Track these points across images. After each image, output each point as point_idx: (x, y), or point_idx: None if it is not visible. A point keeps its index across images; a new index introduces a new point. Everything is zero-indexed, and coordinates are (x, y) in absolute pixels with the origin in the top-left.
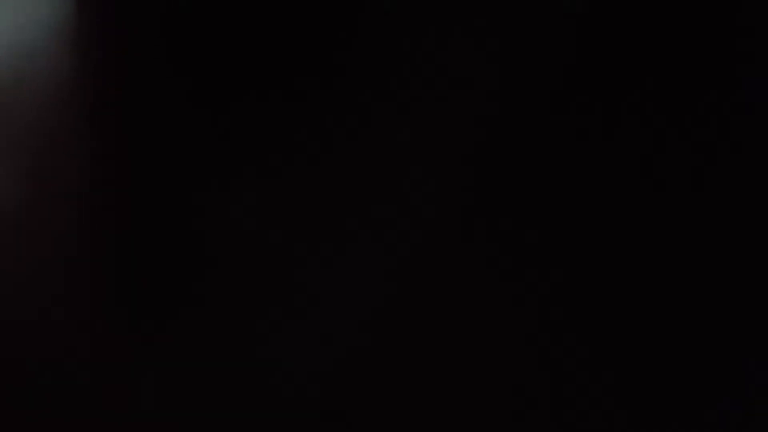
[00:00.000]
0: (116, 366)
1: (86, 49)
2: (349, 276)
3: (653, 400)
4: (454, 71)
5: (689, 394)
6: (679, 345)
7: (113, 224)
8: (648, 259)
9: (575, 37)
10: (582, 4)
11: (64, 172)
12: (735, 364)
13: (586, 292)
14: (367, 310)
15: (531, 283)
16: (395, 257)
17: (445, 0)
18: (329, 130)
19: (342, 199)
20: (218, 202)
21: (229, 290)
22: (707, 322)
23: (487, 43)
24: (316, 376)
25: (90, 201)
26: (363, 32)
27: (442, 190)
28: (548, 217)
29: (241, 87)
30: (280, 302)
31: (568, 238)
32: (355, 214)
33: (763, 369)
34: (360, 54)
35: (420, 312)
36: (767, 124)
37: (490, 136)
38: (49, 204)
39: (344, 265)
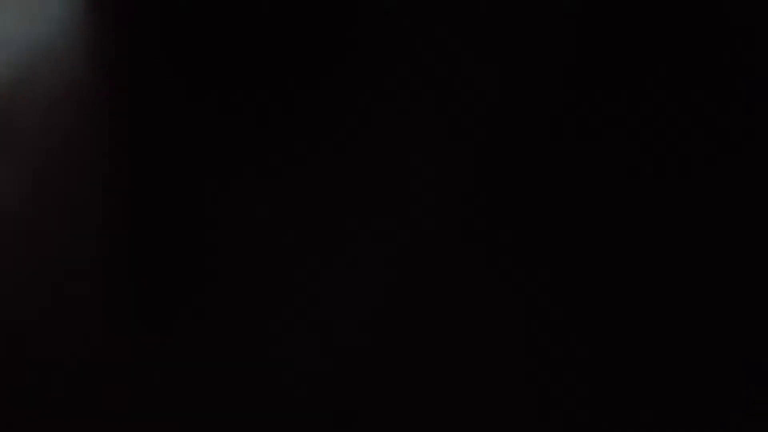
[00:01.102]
0: (116, 366)
1: (96, 49)
2: (350, 277)
3: (653, 400)
4: (454, 72)
5: (689, 394)
6: (680, 345)
7: (117, 224)
8: (650, 260)
9: (575, 37)
10: (582, 4)
11: (71, 172)
12: (735, 364)
13: (587, 293)
14: (368, 311)
15: (532, 284)
16: (396, 258)
17: (445, 0)
18: (329, 132)
19: (342, 200)
20: (221, 202)
21: (230, 290)
22: (707, 323)
23: (487, 43)
24: (317, 377)
25: (95, 200)
26: (364, 33)
27: (442, 190)
28: (549, 218)
29: (242, 91)
30: (281, 303)
31: (569, 240)
32: (355, 215)
33: (764, 369)
34: (360, 55)
35: (420, 312)
36: (767, 124)
37: (490, 136)
38: (54, 204)
39: (345, 266)
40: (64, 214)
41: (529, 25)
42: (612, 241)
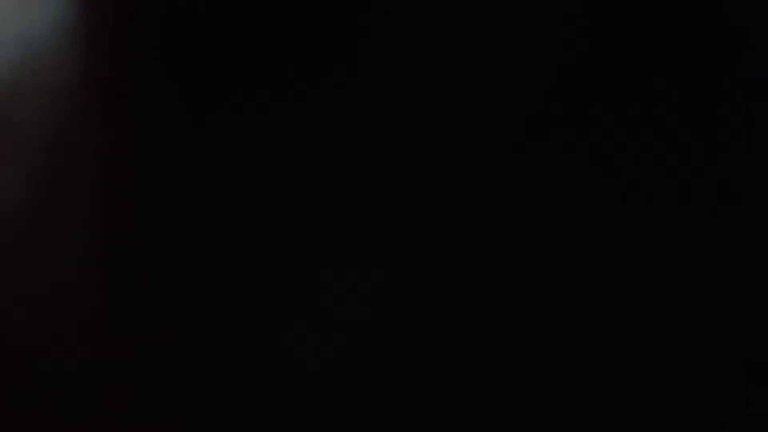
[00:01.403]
0: (116, 366)
1: (96, 49)
2: (349, 277)
3: (653, 399)
4: (455, 72)
5: (689, 394)
6: (680, 345)
7: (118, 224)
8: (650, 260)
9: (575, 37)
10: (582, 4)
11: (69, 172)
12: (735, 364)
13: (587, 293)
14: (368, 311)
15: (532, 287)
16: (396, 258)
17: (446, 1)
18: (331, 134)
19: (342, 200)
20: (221, 203)
21: (230, 291)
22: (707, 323)
23: (487, 43)
24: (317, 377)
25: (95, 200)
26: (365, 33)
27: (442, 190)
28: (549, 218)
29: (242, 91)
30: (281, 303)
31: (569, 240)
32: (355, 215)
33: (764, 369)
34: (361, 55)
35: (420, 312)
36: (767, 124)
37: (490, 136)
38: (53, 203)
39: (345, 266)
40: (64, 214)
41: (529, 25)
42: (612, 241)
